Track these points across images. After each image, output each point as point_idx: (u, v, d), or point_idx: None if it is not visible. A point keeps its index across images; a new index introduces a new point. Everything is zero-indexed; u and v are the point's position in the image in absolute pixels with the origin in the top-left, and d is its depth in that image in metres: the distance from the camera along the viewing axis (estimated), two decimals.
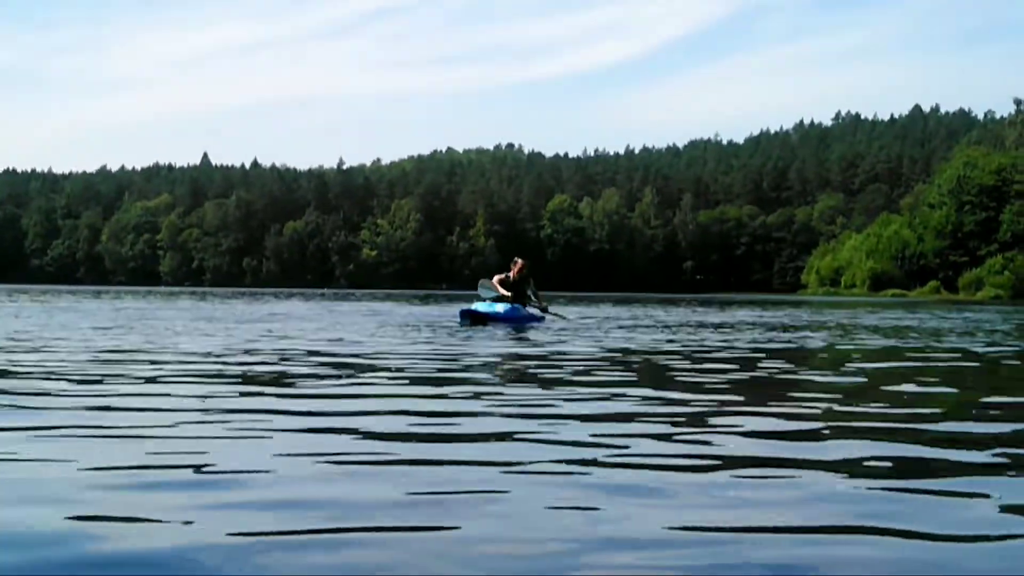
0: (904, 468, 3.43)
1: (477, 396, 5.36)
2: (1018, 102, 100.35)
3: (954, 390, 6.43)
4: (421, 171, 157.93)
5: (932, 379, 7.11)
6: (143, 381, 5.98)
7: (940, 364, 8.74)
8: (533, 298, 16.25)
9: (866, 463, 3.48)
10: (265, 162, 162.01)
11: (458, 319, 15.47)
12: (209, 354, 8.21)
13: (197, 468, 3.24)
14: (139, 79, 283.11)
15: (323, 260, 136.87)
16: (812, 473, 3.27)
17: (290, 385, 5.91)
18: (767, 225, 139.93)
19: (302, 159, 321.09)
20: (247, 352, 8.59)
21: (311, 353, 8.57)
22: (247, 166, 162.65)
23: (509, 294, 15.75)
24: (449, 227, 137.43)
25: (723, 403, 5.17)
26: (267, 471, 3.20)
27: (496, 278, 16.01)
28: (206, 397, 5.13)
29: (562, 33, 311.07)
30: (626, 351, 9.52)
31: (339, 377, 6.35)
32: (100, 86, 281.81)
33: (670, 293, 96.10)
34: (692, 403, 5.15)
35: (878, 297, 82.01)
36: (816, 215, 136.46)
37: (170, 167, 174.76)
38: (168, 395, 5.27)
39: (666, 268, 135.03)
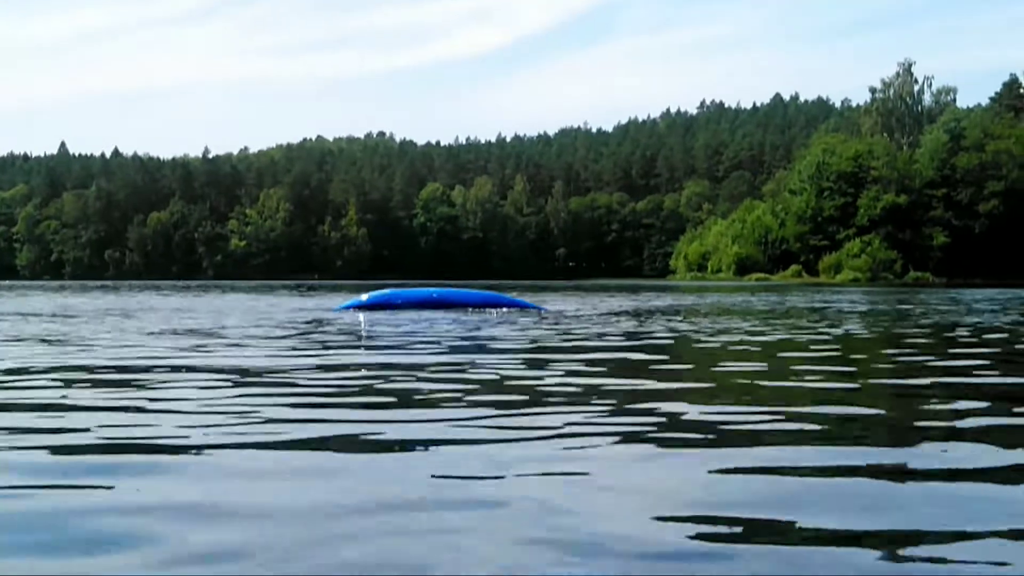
0: None
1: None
2: (873, 90, 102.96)
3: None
4: (290, 160, 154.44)
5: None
6: None
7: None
8: None
9: None
10: (126, 151, 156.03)
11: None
12: None
13: None
14: None
15: (189, 251, 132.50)
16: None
17: None
18: (636, 212, 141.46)
19: (165, 148, 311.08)
20: None
21: None
22: (107, 155, 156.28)
23: None
24: (320, 216, 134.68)
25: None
26: None
27: None
28: None
29: (431, 21, 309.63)
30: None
31: None
32: None
33: (543, 280, 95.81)
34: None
35: (744, 281, 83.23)
36: (683, 202, 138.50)
37: (26, 157, 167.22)
38: None
39: (539, 255, 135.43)
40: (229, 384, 5.54)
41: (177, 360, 7.18)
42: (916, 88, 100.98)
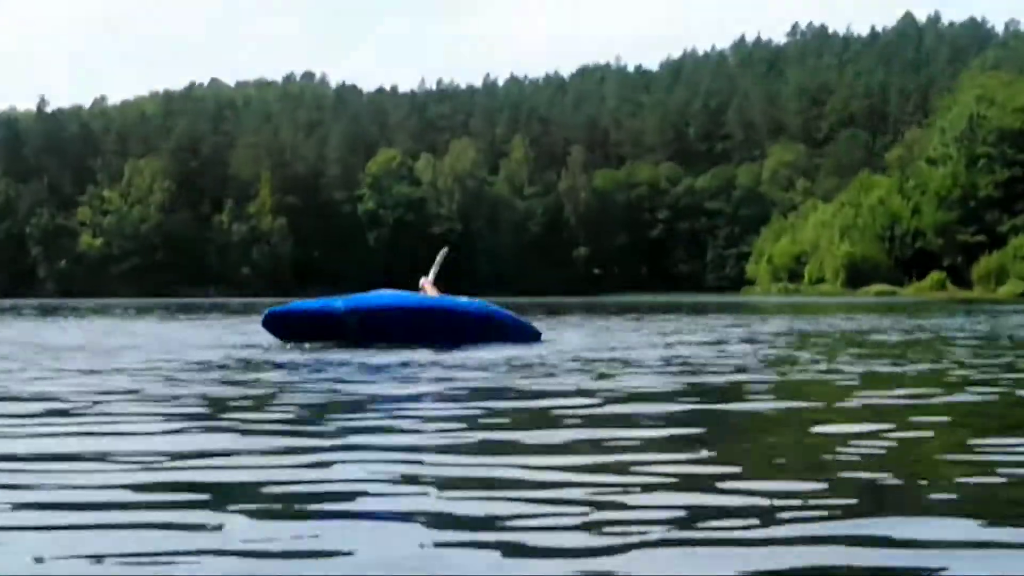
0: None
1: None
2: None
3: None
4: (171, 115, 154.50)
5: None
6: None
7: None
8: None
9: None
10: None
11: None
12: None
13: None
14: None
15: (18, 254, 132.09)
16: None
17: None
18: (695, 192, 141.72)
19: None
20: None
21: None
22: None
23: None
24: (217, 201, 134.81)
25: None
26: None
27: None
28: None
29: None
30: None
31: None
32: None
33: (554, 296, 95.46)
34: None
35: (858, 296, 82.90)
36: (766, 177, 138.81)
37: None
38: None
39: (547, 257, 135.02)
40: None
41: None
42: None
